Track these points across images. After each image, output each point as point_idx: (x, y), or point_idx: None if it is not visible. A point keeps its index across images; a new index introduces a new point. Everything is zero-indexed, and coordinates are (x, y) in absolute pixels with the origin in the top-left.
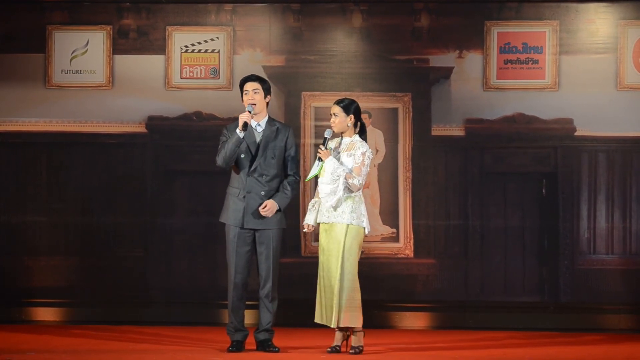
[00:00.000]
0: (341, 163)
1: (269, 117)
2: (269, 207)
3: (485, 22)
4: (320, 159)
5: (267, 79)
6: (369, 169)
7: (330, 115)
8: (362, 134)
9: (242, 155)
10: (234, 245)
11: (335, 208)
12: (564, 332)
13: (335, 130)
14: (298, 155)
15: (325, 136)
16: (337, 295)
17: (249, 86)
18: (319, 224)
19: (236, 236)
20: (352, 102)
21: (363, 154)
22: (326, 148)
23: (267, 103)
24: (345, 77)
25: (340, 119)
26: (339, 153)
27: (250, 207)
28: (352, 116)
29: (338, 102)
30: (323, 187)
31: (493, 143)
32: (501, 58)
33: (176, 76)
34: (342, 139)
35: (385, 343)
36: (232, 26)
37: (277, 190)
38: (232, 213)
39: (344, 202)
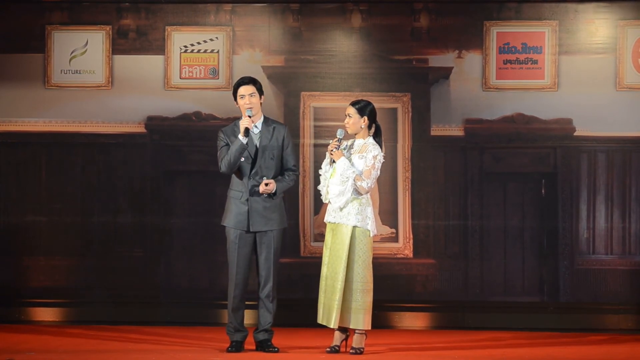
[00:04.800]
0: (352, 164)
1: (264, 116)
2: (271, 186)
3: (485, 22)
4: (332, 160)
5: (257, 79)
6: (379, 173)
7: (345, 115)
8: (377, 136)
9: (242, 159)
10: (236, 247)
11: (341, 208)
12: (563, 332)
13: (349, 131)
14: (296, 151)
15: (338, 136)
16: (340, 295)
17: (245, 90)
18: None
19: (237, 237)
20: (368, 104)
21: (374, 157)
22: (338, 149)
23: (261, 103)
24: (344, 77)
25: (354, 120)
26: (350, 154)
27: (254, 209)
28: (365, 118)
29: (353, 104)
30: (332, 188)
31: (492, 143)
32: (500, 58)
33: (175, 76)
34: (355, 141)
35: (385, 343)
36: (232, 26)
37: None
38: (235, 216)
39: (350, 203)
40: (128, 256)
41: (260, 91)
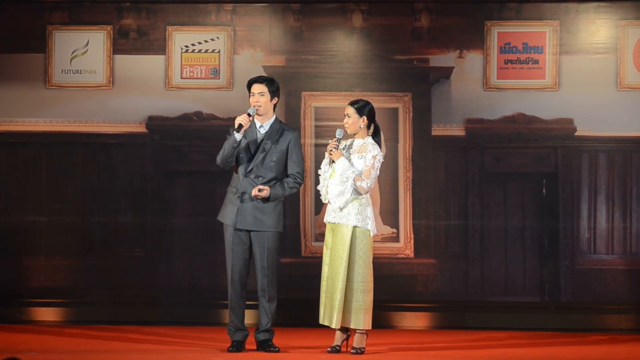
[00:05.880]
0: (351, 164)
1: (276, 119)
2: (264, 192)
3: (486, 22)
4: (332, 160)
5: (275, 80)
6: (378, 172)
7: (344, 115)
8: (376, 136)
9: (241, 155)
10: (230, 244)
11: (341, 209)
12: (564, 332)
13: (348, 131)
14: (301, 159)
15: (337, 136)
16: (341, 295)
17: (255, 88)
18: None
19: (232, 235)
20: (367, 104)
21: (374, 157)
22: (337, 149)
23: (275, 105)
24: (345, 77)
25: (353, 120)
26: (350, 154)
27: (243, 208)
28: (365, 118)
29: (352, 103)
30: (332, 188)
31: (493, 143)
32: (501, 58)
33: (176, 76)
34: (354, 140)
35: (385, 343)
36: (233, 26)
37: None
38: (228, 212)
39: (350, 203)
40: (128, 256)
41: (273, 93)
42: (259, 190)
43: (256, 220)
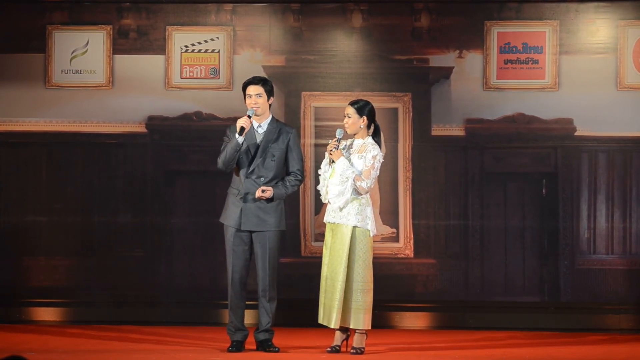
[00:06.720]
0: (351, 164)
1: (273, 118)
2: (267, 193)
3: (485, 22)
4: (332, 160)
5: (269, 79)
6: (378, 173)
7: (344, 115)
8: (376, 136)
9: (241, 156)
10: (231, 245)
11: (341, 209)
12: (564, 332)
13: (349, 131)
14: (301, 156)
15: (337, 136)
16: (340, 295)
17: (252, 90)
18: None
19: (233, 235)
20: (367, 103)
21: (374, 157)
22: (337, 148)
23: (270, 104)
24: (345, 77)
25: (353, 120)
26: (350, 154)
27: (247, 208)
28: (365, 118)
29: (352, 103)
30: (332, 189)
31: (493, 143)
32: (501, 58)
33: (176, 76)
34: (354, 140)
35: (385, 343)
36: (232, 26)
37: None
38: (230, 214)
39: (350, 203)
40: (128, 256)
41: (269, 92)
42: (263, 192)
43: (260, 220)
